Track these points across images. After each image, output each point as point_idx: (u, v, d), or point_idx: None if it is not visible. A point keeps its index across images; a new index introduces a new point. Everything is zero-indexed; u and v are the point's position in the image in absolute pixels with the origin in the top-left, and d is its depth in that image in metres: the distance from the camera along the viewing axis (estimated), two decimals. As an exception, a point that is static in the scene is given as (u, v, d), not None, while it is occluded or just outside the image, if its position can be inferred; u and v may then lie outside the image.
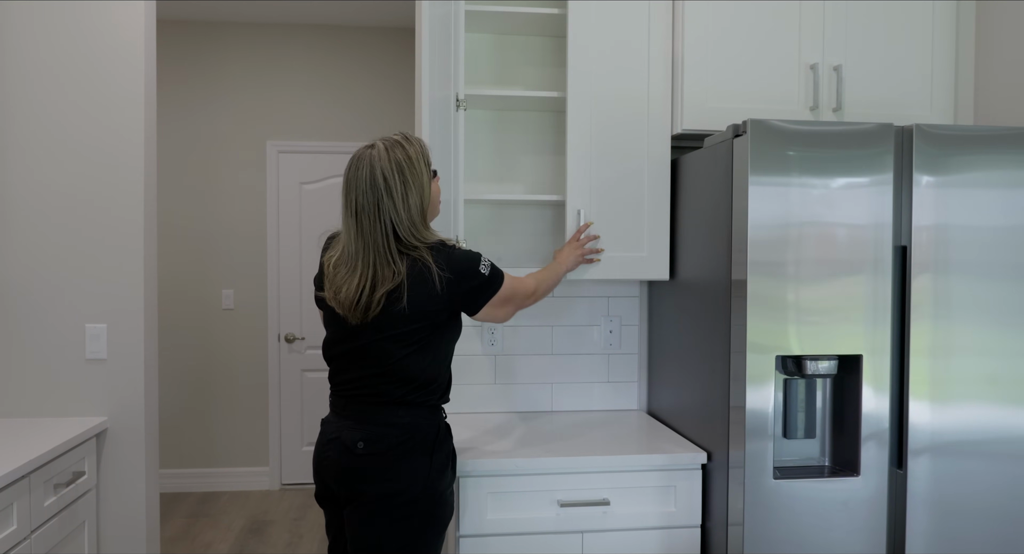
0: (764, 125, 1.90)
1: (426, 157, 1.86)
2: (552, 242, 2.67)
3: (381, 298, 1.77)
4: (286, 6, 4.55)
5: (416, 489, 1.81)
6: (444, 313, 1.84)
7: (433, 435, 1.87)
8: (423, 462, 1.83)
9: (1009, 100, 2.33)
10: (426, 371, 1.85)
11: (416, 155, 1.83)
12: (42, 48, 2.49)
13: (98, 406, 2.53)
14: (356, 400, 1.86)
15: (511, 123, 2.65)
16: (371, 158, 1.79)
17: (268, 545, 3.97)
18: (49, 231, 2.50)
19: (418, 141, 1.87)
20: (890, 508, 1.96)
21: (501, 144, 2.65)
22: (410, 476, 1.81)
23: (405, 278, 1.78)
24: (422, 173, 1.82)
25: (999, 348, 1.97)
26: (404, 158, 1.80)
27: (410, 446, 1.83)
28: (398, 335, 1.80)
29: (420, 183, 1.82)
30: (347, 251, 1.82)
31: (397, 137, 1.85)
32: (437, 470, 1.85)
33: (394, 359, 1.82)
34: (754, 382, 1.91)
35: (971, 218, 1.95)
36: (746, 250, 1.90)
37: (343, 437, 1.84)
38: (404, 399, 1.84)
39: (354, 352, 1.85)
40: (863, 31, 2.39)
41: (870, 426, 1.95)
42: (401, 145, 1.82)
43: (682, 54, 2.32)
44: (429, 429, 1.86)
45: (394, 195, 1.78)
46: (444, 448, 1.89)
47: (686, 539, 2.14)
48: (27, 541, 2.01)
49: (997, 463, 1.97)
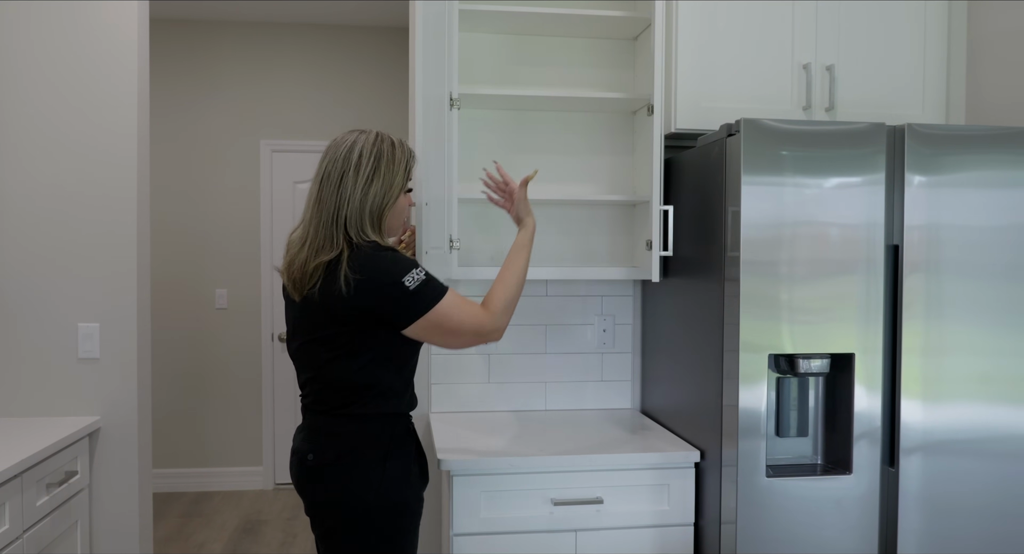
0: (757, 124, 1.90)
1: (409, 166, 1.82)
2: (558, 241, 2.67)
3: (319, 268, 1.70)
4: (279, 5, 4.54)
5: (369, 500, 1.74)
6: (357, 317, 1.70)
7: (385, 442, 1.77)
8: (375, 472, 1.75)
9: (1000, 100, 2.34)
10: (357, 376, 1.74)
11: (400, 157, 1.79)
12: (36, 47, 2.48)
13: (91, 405, 2.52)
14: (307, 409, 1.83)
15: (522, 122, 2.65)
16: (357, 137, 1.78)
17: (262, 545, 3.97)
18: (41, 230, 2.49)
19: (410, 151, 1.84)
20: (882, 506, 1.97)
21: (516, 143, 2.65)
22: (362, 487, 1.74)
23: (340, 261, 1.69)
24: (396, 173, 1.78)
25: (990, 347, 1.98)
26: (388, 151, 1.78)
27: (357, 456, 1.75)
28: (321, 338, 1.74)
29: (391, 180, 1.76)
30: (303, 219, 1.78)
31: (394, 137, 1.83)
32: (393, 480, 1.76)
33: (321, 362, 1.75)
34: (747, 381, 1.92)
35: (963, 218, 1.96)
36: (739, 249, 1.90)
37: (299, 449, 1.82)
38: (345, 407, 1.76)
39: (294, 354, 1.83)
40: (855, 31, 2.40)
41: (862, 424, 1.95)
42: (392, 142, 1.81)
43: (675, 54, 2.32)
44: (380, 437, 1.77)
45: (360, 174, 1.73)
46: (401, 456, 1.79)
47: (679, 537, 2.15)
48: (19, 540, 2.01)
49: (988, 461, 1.98)
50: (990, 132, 1.96)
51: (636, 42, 2.65)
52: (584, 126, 2.66)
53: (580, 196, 2.49)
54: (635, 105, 2.53)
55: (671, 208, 2.28)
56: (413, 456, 1.84)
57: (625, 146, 2.68)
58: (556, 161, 2.65)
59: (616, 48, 2.67)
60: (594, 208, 2.67)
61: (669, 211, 2.28)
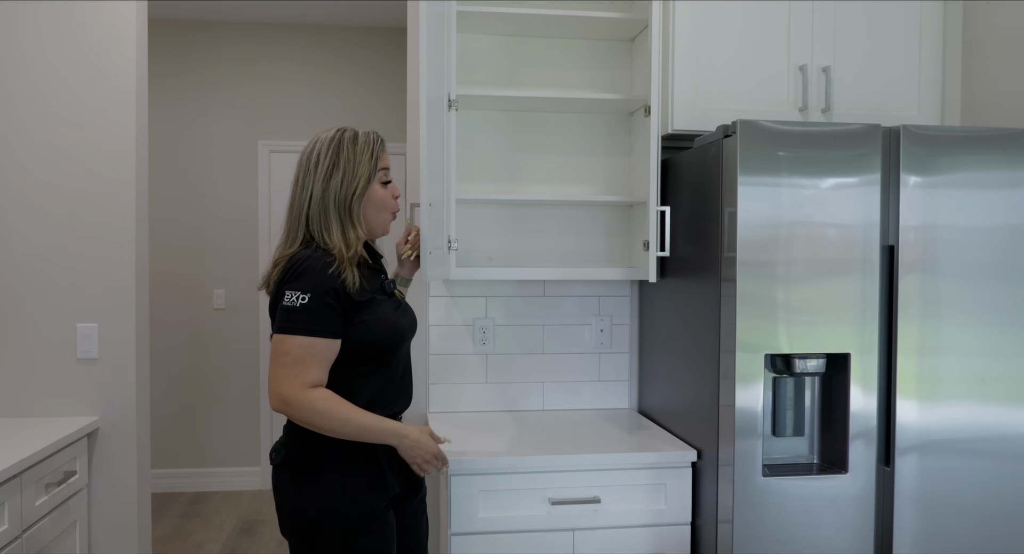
0: (753, 126, 1.91)
1: (375, 154, 1.79)
2: (556, 241, 2.68)
3: (278, 264, 1.73)
4: (277, 6, 4.55)
5: (311, 513, 1.67)
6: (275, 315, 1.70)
7: (318, 447, 1.69)
8: (321, 482, 1.68)
9: (996, 101, 2.36)
10: None
11: (363, 146, 1.78)
12: (35, 50, 2.49)
13: (89, 406, 2.53)
14: None
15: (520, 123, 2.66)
16: (319, 136, 1.80)
17: (260, 545, 3.98)
18: (40, 231, 2.50)
19: (375, 139, 1.82)
20: (878, 505, 1.98)
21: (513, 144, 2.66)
22: (309, 497, 1.68)
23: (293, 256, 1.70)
24: (359, 162, 1.76)
25: (985, 347, 1.99)
26: (348, 142, 1.77)
27: (302, 461, 1.69)
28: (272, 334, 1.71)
29: (353, 169, 1.75)
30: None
31: (359, 130, 1.82)
32: (340, 493, 1.68)
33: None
34: (743, 381, 1.93)
35: (958, 218, 1.97)
36: (736, 250, 1.92)
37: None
38: None
39: None
40: (851, 32, 2.41)
41: (858, 424, 1.97)
42: (354, 134, 1.79)
43: (672, 55, 2.33)
44: (328, 444, 1.69)
45: (319, 169, 1.74)
46: (351, 468, 1.70)
47: (676, 536, 2.16)
48: (19, 540, 2.02)
49: (983, 460, 2.00)
50: (984, 133, 1.97)
51: (633, 43, 2.66)
52: (582, 127, 2.67)
53: (578, 197, 2.50)
54: (632, 106, 2.55)
55: (668, 209, 2.29)
56: (369, 469, 1.73)
57: (622, 147, 2.69)
58: (554, 161, 2.66)
59: (613, 49, 2.68)
60: (591, 209, 2.69)
61: (666, 212, 2.29)
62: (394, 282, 1.96)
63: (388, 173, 1.85)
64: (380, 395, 1.79)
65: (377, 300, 1.77)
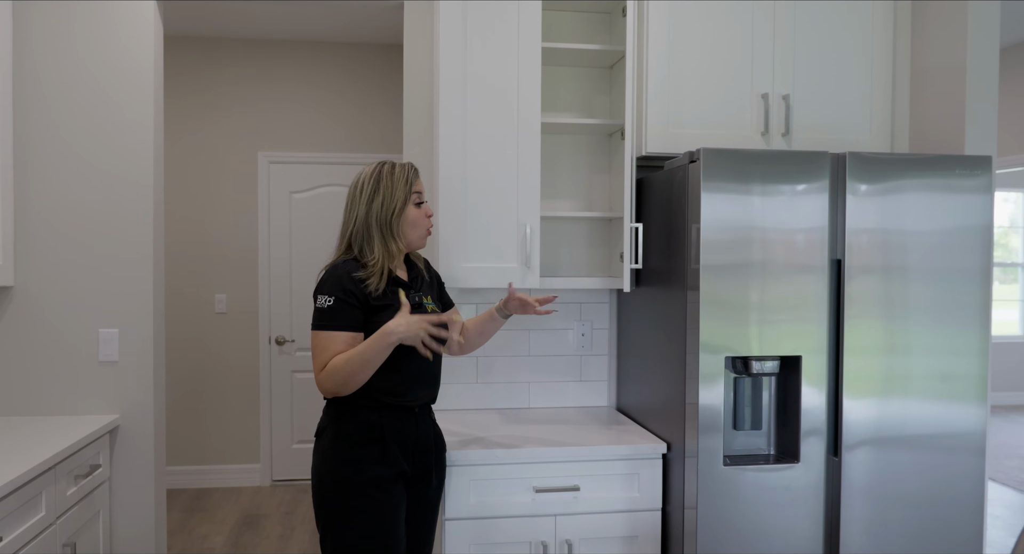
0: (715, 152, 2.14)
1: (409, 180, 2.11)
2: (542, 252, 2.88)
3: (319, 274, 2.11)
4: (278, 23, 4.74)
5: (326, 477, 2.01)
6: None
7: (337, 422, 2.04)
8: (323, 448, 2.04)
9: (938, 127, 2.58)
10: None
11: (399, 174, 2.11)
12: (60, 74, 2.69)
13: (110, 405, 2.74)
14: None
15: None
16: (362, 171, 2.13)
17: (262, 537, 4.18)
18: (65, 243, 2.71)
19: (409, 168, 2.14)
20: (827, 492, 2.21)
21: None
22: (327, 463, 2.03)
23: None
24: (396, 187, 2.08)
25: (925, 346, 2.23)
26: (387, 172, 2.11)
27: (328, 436, 2.05)
28: None
29: (391, 193, 2.08)
30: None
31: (397, 162, 2.14)
32: (336, 458, 2.01)
33: None
34: (706, 380, 2.16)
35: (898, 229, 2.21)
36: (699, 262, 2.14)
37: None
38: None
39: None
40: (809, 63, 2.63)
41: (809, 419, 2.20)
42: (392, 165, 2.12)
43: (646, 84, 2.55)
44: (337, 418, 2.04)
45: (363, 194, 2.08)
46: (344, 434, 2.02)
47: (648, 521, 2.39)
48: (53, 527, 2.22)
49: (920, 453, 2.23)
50: (922, 158, 2.21)
51: (612, 70, 2.89)
52: (567, 146, 2.89)
53: (561, 212, 2.72)
54: (611, 129, 2.77)
55: (640, 225, 2.52)
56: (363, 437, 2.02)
57: (603, 165, 2.92)
58: (542, 179, 2.86)
59: (595, 75, 2.90)
60: (574, 223, 2.91)
61: (639, 228, 2.52)
62: (420, 295, 2.17)
63: (421, 196, 2.16)
64: (397, 385, 2.06)
65: (395, 307, 2.03)
